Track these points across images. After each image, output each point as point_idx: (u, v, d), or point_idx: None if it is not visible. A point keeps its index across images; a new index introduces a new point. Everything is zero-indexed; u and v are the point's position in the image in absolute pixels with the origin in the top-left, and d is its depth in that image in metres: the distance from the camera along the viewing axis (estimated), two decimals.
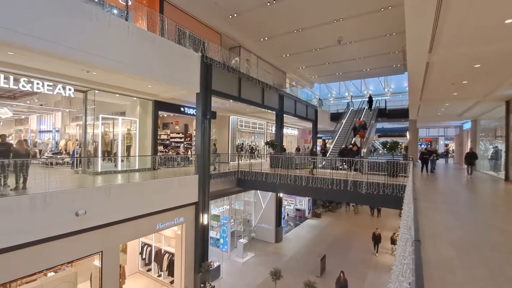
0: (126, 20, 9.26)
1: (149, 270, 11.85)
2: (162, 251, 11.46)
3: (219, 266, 12.32)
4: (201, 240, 10.63)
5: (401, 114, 23.48)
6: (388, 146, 12.30)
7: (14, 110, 12.18)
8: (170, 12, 12.41)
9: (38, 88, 7.90)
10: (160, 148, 15.76)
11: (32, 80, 7.82)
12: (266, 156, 16.44)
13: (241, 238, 15.08)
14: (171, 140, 17.81)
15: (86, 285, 8.98)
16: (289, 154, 15.95)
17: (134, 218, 8.37)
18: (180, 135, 17.99)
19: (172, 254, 11.01)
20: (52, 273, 8.02)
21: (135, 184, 8.65)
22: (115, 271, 8.16)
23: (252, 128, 21.08)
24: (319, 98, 27.68)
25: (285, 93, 17.84)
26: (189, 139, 17.44)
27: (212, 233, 14.38)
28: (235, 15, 14.22)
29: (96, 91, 9.78)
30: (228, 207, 14.50)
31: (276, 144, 15.73)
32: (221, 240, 14.67)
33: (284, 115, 17.50)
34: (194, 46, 11.39)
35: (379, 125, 32.03)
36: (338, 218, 22.87)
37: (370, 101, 23.69)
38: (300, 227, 20.17)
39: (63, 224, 6.63)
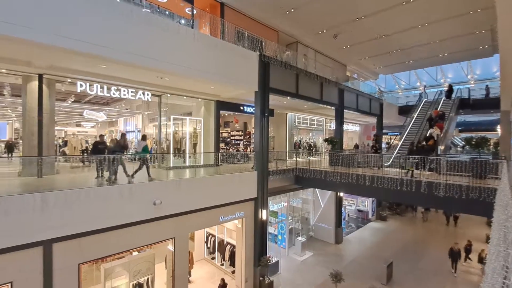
0: (192, 28, 10.08)
1: (213, 258, 12.78)
2: (225, 242, 12.20)
3: (277, 262, 12.48)
4: (260, 235, 10.94)
5: (489, 104, 19.69)
6: (473, 142, 10.48)
7: (107, 114, 14.66)
8: (230, 16, 12.99)
9: (124, 94, 9.27)
10: (222, 145, 16.74)
11: (120, 88, 9.22)
12: (325, 154, 15.85)
13: (299, 236, 14.96)
14: (231, 137, 18.74)
15: (162, 266, 10.23)
16: (349, 152, 15.06)
17: (200, 210, 9.11)
18: (240, 133, 18.76)
19: (234, 246, 11.62)
20: (136, 253, 9.36)
21: (200, 178, 9.42)
22: (185, 256, 9.05)
23: (309, 125, 20.58)
24: (379, 89, 24.83)
25: (345, 87, 16.86)
26: (248, 136, 18.06)
27: (270, 229, 14.63)
28: (292, 10, 14.02)
29: (168, 95, 10.94)
30: (286, 204, 14.54)
31: (335, 141, 15.03)
32: (279, 237, 14.82)
33: (344, 110, 16.56)
34: (253, 46, 11.68)
35: (460, 118, 27.49)
36: (407, 223, 20.60)
37: (449, 91, 20.52)
38: (363, 230, 18.89)
39: (144, 212, 7.63)
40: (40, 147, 8.17)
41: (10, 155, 11.56)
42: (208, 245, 13.07)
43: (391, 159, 13.33)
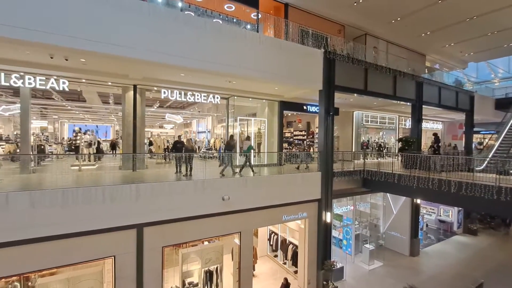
0: (257, 31, 10.47)
1: (275, 256, 13.02)
2: (287, 241, 12.29)
3: (342, 268, 11.92)
4: (323, 238, 10.64)
5: None
6: None
7: (184, 116, 16.54)
8: (294, 15, 12.96)
9: (198, 98, 10.28)
10: (285, 145, 16.87)
11: (194, 93, 10.27)
12: (399, 155, 14.32)
13: (367, 243, 13.93)
14: (294, 137, 18.70)
15: (228, 257, 10.95)
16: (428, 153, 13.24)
17: (264, 208, 9.39)
18: (303, 132, 18.56)
19: (296, 246, 11.60)
20: (206, 243, 10.26)
21: (265, 177, 9.71)
22: (250, 250, 9.49)
23: (380, 123, 18.89)
24: (456, 78, 20.50)
25: (424, 79, 14.88)
26: (311, 136, 17.73)
27: (334, 233, 14.06)
28: (360, 0, 13.12)
29: (235, 97, 11.63)
30: (352, 207, 13.72)
31: (412, 141, 13.44)
32: (344, 242, 14.10)
33: (423, 106, 14.64)
34: (317, 43, 11.42)
35: None
36: (505, 240, 16.94)
37: None
38: (445, 243, 16.38)
39: (214, 206, 8.30)
40: (134, 146, 9.78)
41: (113, 152, 14.20)
42: (271, 243, 13.37)
43: (485, 163, 11.20)
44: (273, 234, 13.26)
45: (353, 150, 16.76)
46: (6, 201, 5.65)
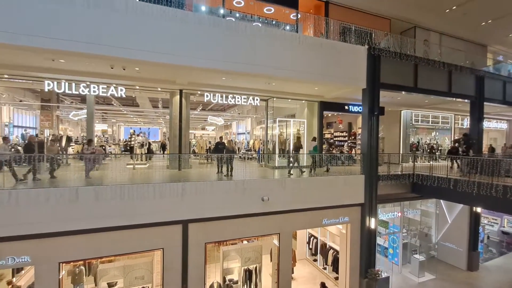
0: (297, 31, 10.41)
1: (315, 260, 12.72)
2: (327, 246, 11.92)
3: (387, 278, 11.13)
4: (367, 244, 10.09)
5: None
6: None
7: (224, 118, 17.17)
8: (335, 13, 12.56)
9: (238, 101, 10.60)
10: (324, 146, 16.42)
11: (234, 95, 10.60)
12: (457, 158, 12.92)
13: (416, 253, 12.83)
14: (334, 139, 18.09)
15: (267, 258, 11.01)
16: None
17: (303, 210, 9.26)
18: (344, 133, 17.86)
19: (337, 251, 11.20)
20: (246, 242, 10.47)
21: (304, 179, 9.58)
22: (288, 252, 9.44)
23: (432, 123, 17.27)
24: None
25: (485, 72, 13.21)
26: (353, 137, 16.97)
27: (379, 240, 13.21)
28: None
29: (274, 99, 11.70)
30: (399, 214, 12.76)
31: (472, 142, 12.03)
32: (390, 250, 13.17)
33: (484, 103, 13.01)
34: (360, 40, 10.93)
35: None
36: None
37: None
38: (508, 257, 14.31)
39: (253, 206, 8.43)
40: (180, 147, 10.45)
41: (163, 152, 15.37)
42: (310, 246, 13.09)
43: None
44: (313, 237, 12.98)
45: (401, 152, 15.60)
46: (76, 195, 6.49)
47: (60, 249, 6.49)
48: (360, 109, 10.89)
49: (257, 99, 11.14)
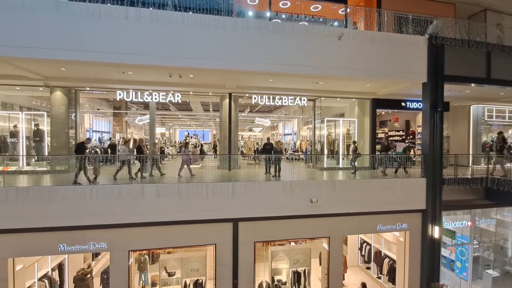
0: (346, 27, 9.98)
1: (368, 268, 11.96)
2: (382, 254, 11.10)
3: None
4: (429, 255, 9.11)
5: None
6: None
7: (271, 119, 17.38)
8: (388, 2, 11.65)
9: (285, 102, 10.64)
10: (378, 147, 15.36)
11: (281, 97, 10.66)
12: None
13: (489, 268, 11.11)
14: (390, 139, 16.77)
15: (316, 261, 10.75)
16: None
17: (355, 214, 8.79)
18: (400, 132, 16.42)
19: (393, 261, 10.35)
20: (293, 244, 10.40)
21: (356, 181, 9.13)
22: (339, 257, 9.07)
23: (508, 118, 14.76)
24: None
25: None
26: (411, 137, 15.48)
27: (444, 252, 11.77)
28: None
29: (322, 98, 11.40)
30: (469, 223, 11.18)
31: None
32: (458, 264, 11.61)
33: None
34: (420, 29, 9.94)
35: None
36: None
37: None
38: None
39: (302, 207, 8.32)
40: (230, 148, 10.93)
41: (215, 153, 16.29)
42: (363, 253, 12.35)
43: None
44: (365, 244, 12.22)
45: (471, 153, 13.68)
46: (142, 191, 7.30)
47: (130, 238, 7.39)
48: (419, 105, 9.89)
49: (304, 99, 11.00)
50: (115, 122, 17.05)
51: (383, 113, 16.06)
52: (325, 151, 11.71)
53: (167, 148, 17.09)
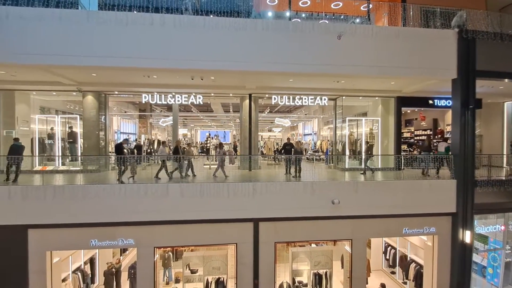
0: (369, 23, 9.73)
1: (393, 272, 11.52)
2: (408, 259, 10.66)
3: None
4: (460, 261, 8.64)
5: None
6: None
7: (291, 120, 17.31)
8: None
9: (305, 102, 10.55)
10: (403, 147, 14.77)
11: (301, 96, 10.59)
12: None
13: None
14: (415, 138, 16.08)
15: (337, 264, 10.54)
16: None
17: (379, 216, 8.52)
18: (427, 132, 15.68)
19: (420, 266, 9.90)
20: (314, 245, 10.27)
21: (379, 182, 8.86)
22: (362, 260, 8.84)
23: None
24: None
25: None
26: (440, 136, 14.73)
27: (476, 257, 11.08)
28: None
29: (343, 97, 11.18)
30: (502, 227, 10.46)
31: None
32: (490, 270, 10.87)
33: None
34: (449, 23, 9.45)
35: None
36: None
37: None
38: None
39: (323, 209, 8.18)
40: (250, 148, 11.03)
41: (235, 154, 16.51)
42: (387, 257, 11.92)
43: None
44: (390, 247, 11.78)
45: (505, 153, 12.78)
46: (166, 191, 7.58)
47: (155, 235, 7.69)
48: (448, 102, 9.40)
49: (324, 99, 10.83)
50: (140, 124, 17.91)
51: (408, 111, 15.43)
52: (347, 151, 11.46)
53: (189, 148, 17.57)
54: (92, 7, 8.62)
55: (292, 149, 9.81)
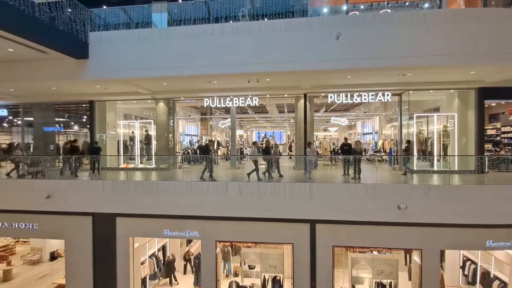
0: (440, 7, 8.66)
1: None
2: (491, 275, 9.06)
3: None
4: None
5: None
6: None
7: (348, 118, 16.49)
8: None
9: (365, 99, 9.93)
10: (487, 146, 12.56)
11: (361, 93, 10.00)
12: None
13: None
14: (502, 135, 13.50)
15: (404, 275, 9.58)
16: None
17: (456, 226, 7.47)
18: None
19: (505, 284, 8.34)
20: (376, 253, 9.55)
21: (455, 187, 7.77)
22: (435, 274, 7.87)
23: None
24: None
25: None
26: None
27: None
28: None
29: (410, 92, 10.15)
30: None
31: None
32: None
33: None
34: None
35: None
36: None
37: None
38: None
39: (387, 214, 7.56)
40: (305, 148, 10.91)
41: (289, 154, 16.60)
42: (465, 272, 10.31)
43: None
44: (469, 261, 10.16)
45: None
46: (226, 189, 8.09)
47: (217, 230, 8.29)
48: None
49: (388, 94, 10.00)
50: (202, 126, 19.48)
51: (493, 104, 13.07)
52: (415, 152, 10.32)
53: (245, 149, 18.29)
54: (163, 24, 9.78)
55: (350, 150, 9.33)
